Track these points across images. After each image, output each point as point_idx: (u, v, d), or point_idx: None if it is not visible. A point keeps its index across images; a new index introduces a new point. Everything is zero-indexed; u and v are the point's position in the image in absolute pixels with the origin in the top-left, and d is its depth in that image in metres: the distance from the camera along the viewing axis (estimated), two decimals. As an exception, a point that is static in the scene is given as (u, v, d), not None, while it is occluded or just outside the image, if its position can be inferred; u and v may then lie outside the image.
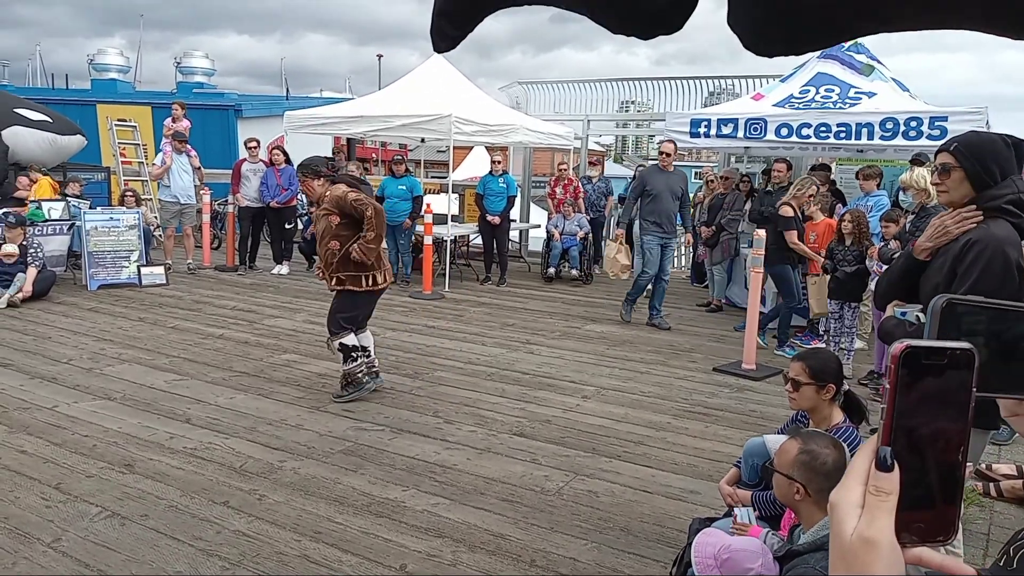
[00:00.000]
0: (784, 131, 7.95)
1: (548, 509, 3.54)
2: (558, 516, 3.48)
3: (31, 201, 8.87)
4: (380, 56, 35.01)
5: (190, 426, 4.46)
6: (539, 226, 12.26)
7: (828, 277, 6.13)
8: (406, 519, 3.39)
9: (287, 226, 10.33)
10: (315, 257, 10.77)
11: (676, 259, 14.73)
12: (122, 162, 12.20)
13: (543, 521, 3.42)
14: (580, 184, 10.84)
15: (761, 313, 6.53)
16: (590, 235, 10.39)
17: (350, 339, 4.98)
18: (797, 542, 2.23)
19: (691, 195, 11.14)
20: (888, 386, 0.60)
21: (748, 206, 8.35)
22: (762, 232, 6.32)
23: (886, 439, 0.59)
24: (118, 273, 8.79)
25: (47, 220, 8.52)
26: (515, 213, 10.92)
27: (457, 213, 11.20)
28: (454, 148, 10.18)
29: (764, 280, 6.57)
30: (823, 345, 6.25)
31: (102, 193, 11.70)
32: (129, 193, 9.93)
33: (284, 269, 10.27)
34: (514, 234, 11.42)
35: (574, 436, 4.50)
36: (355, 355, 4.98)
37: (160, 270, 9.07)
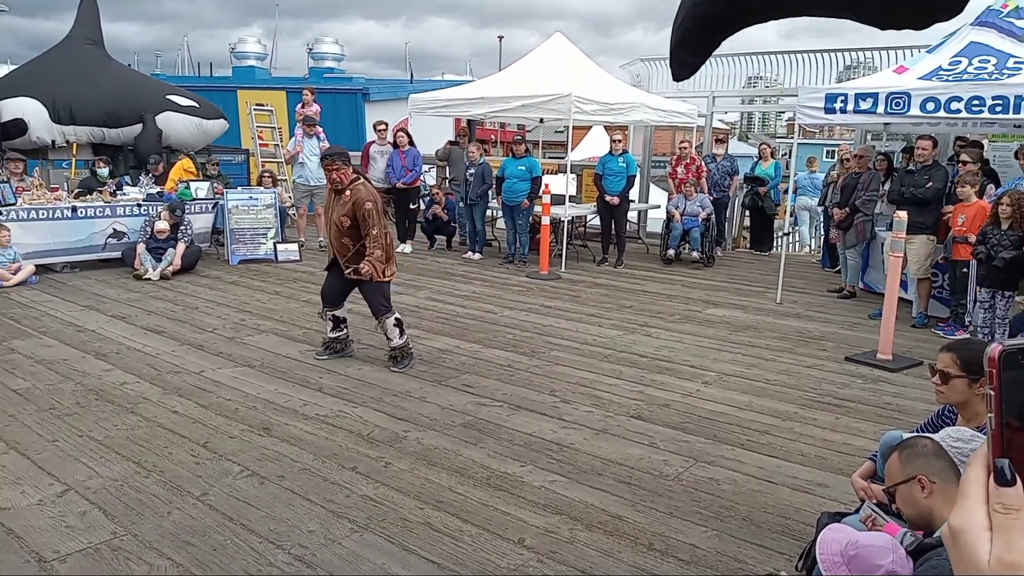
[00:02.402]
0: (930, 106, 7.35)
1: (667, 494, 3.49)
2: (677, 501, 3.42)
3: (180, 182, 9.58)
4: (501, 37, 35.22)
5: (322, 394, 4.71)
6: (659, 207, 12.01)
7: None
8: (524, 494, 3.44)
9: (411, 206, 10.63)
10: (436, 237, 11.09)
11: (816, 239, 14.07)
12: (260, 144, 12.93)
13: (661, 505, 3.38)
14: (703, 163, 10.52)
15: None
16: (713, 216, 10.08)
17: (397, 315, 5.34)
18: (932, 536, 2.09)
19: (823, 174, 10.59)
20: (992, 392, 0.54)
21: (887, 186, 7.83)
22: (903, 214, 5.91)
23: (998, 450, 0.53)
24: (256, 249, 9.36)
25: (194, 199, 9.17)
26: (634, 193, 10.73)
27: (575, 193, 11.16)
28: (573, 128, 10.13)
29: (904, 264, 6.15)
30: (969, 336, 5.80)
31: (242, 174, 12.48)
32: (266, 174, 10.52)
33: (408, 248, 10.59)
34: (632, 215, 11.25)
35: (694, 422, 4.40)
36: (404, 329, 5.31)
37: (294, 247, 9.59)
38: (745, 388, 5.05)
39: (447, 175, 12.76)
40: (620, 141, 10.02)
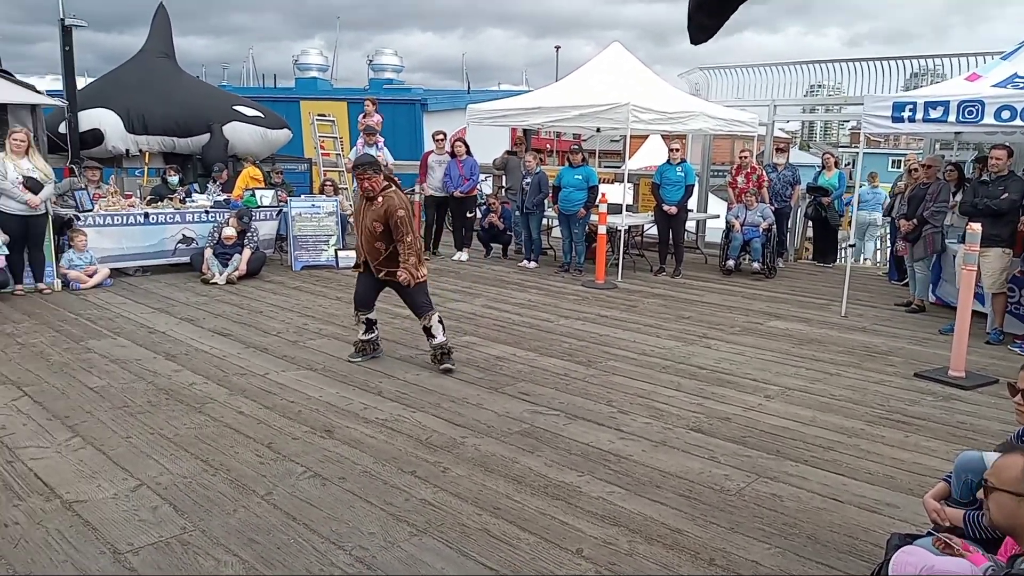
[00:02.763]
0: (1005, 114, 7.06)
1: (728, 509, 3.43)
2: (739, 517, 3.36)
3: (246, 190, 9.87)
4: (558, 47, 35.41)
5: (381, 398, 4.78)
6: (718, 216, 11.86)
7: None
8: (582, 504, 3.42)
9: (468, 215, 10.73)
10: (492, 245, 11.16)
11: (879, 251, 13.71)
12: (322, 154, 13.23)
13: (723, 520, 3.32)
14: (764, 173, 10.34)
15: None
16: (774, 227, 9.88)
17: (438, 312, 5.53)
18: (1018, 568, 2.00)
19: (891, 184, 10.29)
20: None
21: (958, 197, 7.56)
22: (976, 225, 5.70)
23: None
24: (318, 255, 9.58)
25: (259, 206, 9.43)
26: (692, 203, 10.62)
27: (632, 203, 11.08)
28: (629, 137, 10.08)
29: (978, 278, 5.92)
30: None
31: (304, 183, 12.79)
32: (328, 183, 10.77)
33: (464, 256, 10.69)
34: (691, 224, 11.12)
35: (756, 436, 4.31)
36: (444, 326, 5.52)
37: (354, 253, 9.76)
38: (809, 403, 4.93)
39: (503, 184, 12.84)
40: (678, 150, 9.93)
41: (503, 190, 12.80)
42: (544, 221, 10.70)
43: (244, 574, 2.78)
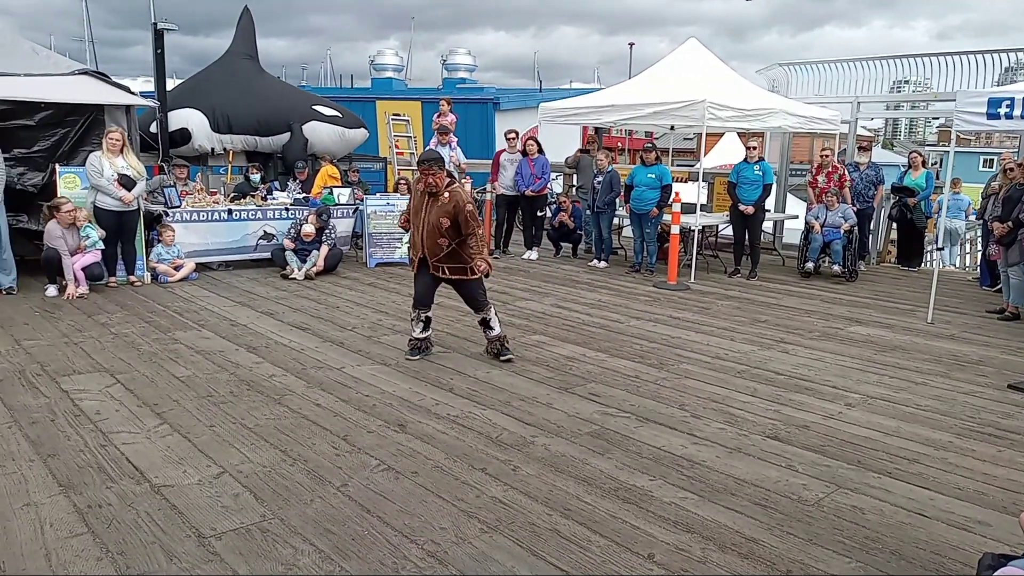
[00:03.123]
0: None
1: (806, 519, 3.32)
2: (817, 528, 3.25)
3: (324, 188, 10.14)
4: (632, 44, 35.00)
5: (452, 395, 4.83)
6: (796, 217, 11.52)
7: None
8: (653, 508, 3.38)
9: (538, 213, 10.73)
10: (562, 244, 11.13)
11: (962, 258, 13.08)
12: (396, 153, 13.47)
13: (800, 531, 3.22)
14: (846, 172, 9.98)
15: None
16: (856, 228, 9.53)
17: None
18: None
19: (983, 184, 9.77)
20: None
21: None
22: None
23: None
24: (392, 253, 9.75)
25: (337, 204, 9.67)
26: (770, 203, 10.34)
27: (706, 202, 10.88)
28: (705, 135, 9.89)
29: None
30: None
31: (380, 181, 13.04)
32: (402, 181, 10.95)
33: (534, 255, 10.70)
34: (767, 225, 10.83)
35: (836, 446, 4.17)
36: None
37: (425, 251, 9.90)
38: (893, 413, 4.73)
39: (574, 183, 12.79)
40: (756, 148, 9.68)
41: (574, 189, 12.76)
42: (615, 220, 10.61)
43: (320, 563, 2.86)
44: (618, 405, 4.73)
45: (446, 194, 5.28)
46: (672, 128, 12.44)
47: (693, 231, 9.47)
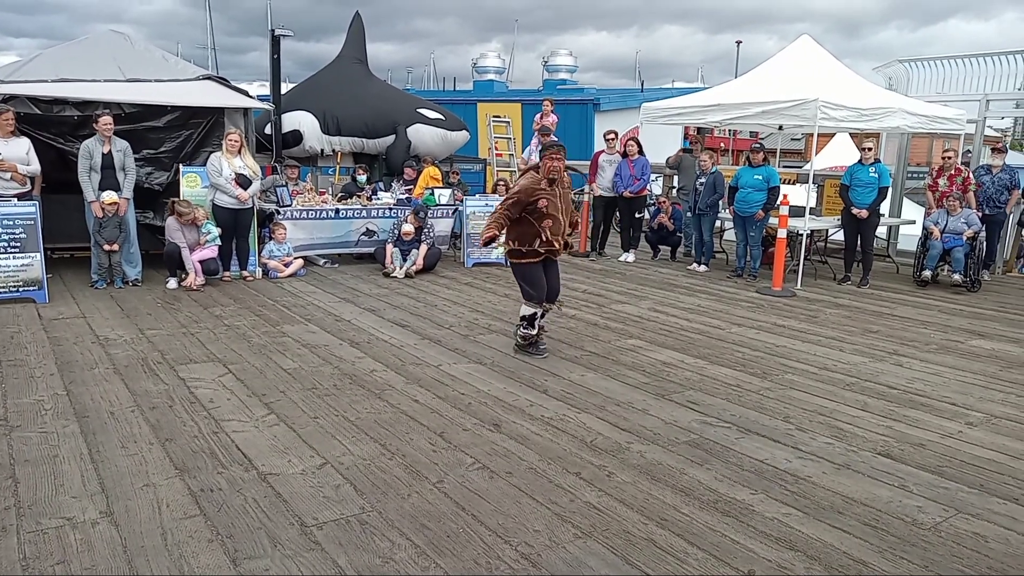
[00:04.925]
0: None
1: (921, 544, 3.12)
2: (933, 555, 3.04)
3: (425, 188, 10.35)
4: (739, 42, 34.00)
5: (547, 396, 4.82)
6: (913, 222, 10.87)
7: None
8: (754, 523, 3.25)
9: (636, 215, 10.58)
10: (660, 247, 10.93)
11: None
12: (495, 154, 13.61)
13: (915, 557, 3.02)
14: (972, 175, 9.32)
15: None
16: (982, 235, 8.89)
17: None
18: None
19: None
20: None
21: None
22: None
23: None
24: (489, 253, 9.83)
25: (437, 205, 9.85)
26: (885, 207, 9.79)
27: (815, 205, 10.42)
28: (817, 136, 9.48)
29: None
30: None
31: (479, 182, 13.21)
32: (501, 183, 11.04)
33: (631, 257, 10.56)
34: (881, 230, 10.26)
35: (955, 467, 3.89)
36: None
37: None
38: (1020, 434, 4.37)
39: (675, 184, 12.54)
40: (871, 149, 9.20)
41: (673, 190, 12.51)
42: (717, 223, 10.33)
43: (416, 559, 2.90)
44: (718, 414, 4.59)
45: (566, 175, 5.62)
46: (780, 128, 12.00)
47: (801, 235, 9.09)
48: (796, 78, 9.56)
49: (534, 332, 5.72)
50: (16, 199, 7.09)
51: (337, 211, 9.37)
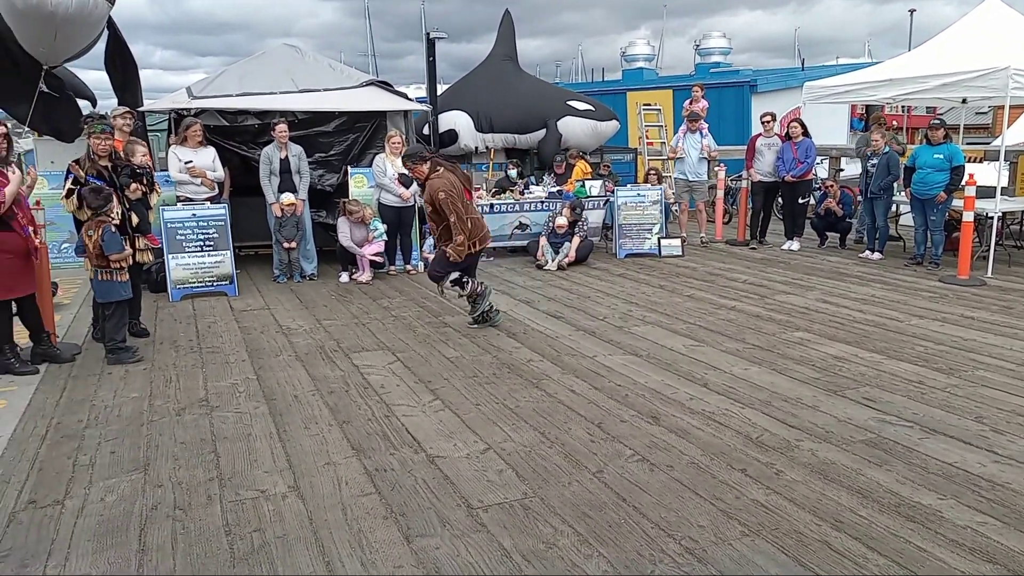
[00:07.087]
0: None
1: None
2: None
3: (576, 181, 10.37)
4: (913, 11, 31.30)
5: (707, 391, 4.69)
6: None
7: None
8: (944, 531, 2.99)
9: (800, 201, 10.02)
10: (828, 234, 10.29)
11: None
12: (646, 143, 13.37)
13: None
14: None
15: None
16: None
17: (454, 275, 6.20)
18: None
19: None
20: None
21: None
22: None
23: None
24: (641, 244, 9.71)
25: (588, 197, 9.84)
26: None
27: (1007, 184, 9.39)
28: (1008, 108, 8.54)
29: None
30: None
31: (630, 172, 13.05)
32: (652, 172, 10.85)
33: (795, 245, 10.03)
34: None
35: None
36: (464, 281, 6.22)
37: (677, 242, 9.73)
38: None
39: (842, 167, 11.76)
40: (1079, 120, 8.15)
41: (841, 172, 11.73)
42: (892, 207, 9.57)
43: (579, 546, 2.93)
44: (898, 413, 4.26)
45: (428, 180, 6.08)
46: (964, 101, 10.91)
47: (991, 218, 8.24)
48: (982, 45, 8.67)
49: (466, 291, 6.25)
50: (208, 202, 7.85)
51: (492, 206, 9.59)
